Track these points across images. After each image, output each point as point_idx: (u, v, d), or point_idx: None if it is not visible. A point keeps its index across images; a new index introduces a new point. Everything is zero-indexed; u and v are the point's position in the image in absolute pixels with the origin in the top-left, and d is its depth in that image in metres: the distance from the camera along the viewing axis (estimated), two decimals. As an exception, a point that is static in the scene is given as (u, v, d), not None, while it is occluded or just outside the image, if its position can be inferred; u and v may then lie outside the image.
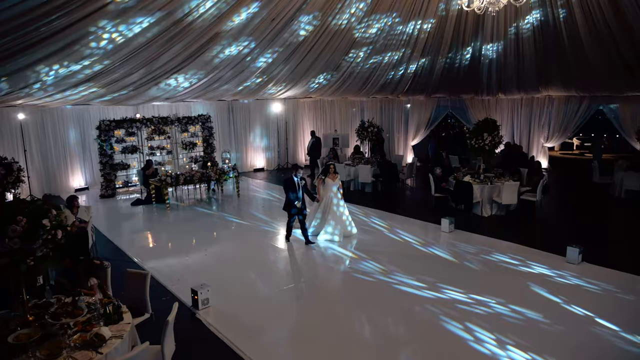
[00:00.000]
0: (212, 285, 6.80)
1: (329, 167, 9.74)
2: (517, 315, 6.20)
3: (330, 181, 9.57)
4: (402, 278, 7.51)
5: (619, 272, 7.58)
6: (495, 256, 8.45)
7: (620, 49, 12.07)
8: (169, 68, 11.82)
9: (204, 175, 13.00)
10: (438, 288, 7.08)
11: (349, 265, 8.25)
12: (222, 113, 17.59)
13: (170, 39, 10.10)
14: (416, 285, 7.23)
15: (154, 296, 6.68)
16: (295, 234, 9.63)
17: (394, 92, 18.78)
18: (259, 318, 6.30)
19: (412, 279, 7.45)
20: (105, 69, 10.65)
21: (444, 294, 6.87)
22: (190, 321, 6.27)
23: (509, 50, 14.43)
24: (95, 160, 14.53)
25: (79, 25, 8.25)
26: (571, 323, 5.99)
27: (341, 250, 8.96)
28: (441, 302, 6.61)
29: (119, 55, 10.11)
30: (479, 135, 11.72)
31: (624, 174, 13.07)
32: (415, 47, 14.86)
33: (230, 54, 12.10)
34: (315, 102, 19.68)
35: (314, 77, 15.81)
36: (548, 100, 17.36)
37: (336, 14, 11.94)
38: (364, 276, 7.65)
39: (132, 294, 5.60)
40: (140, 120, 14.45)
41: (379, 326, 6.07)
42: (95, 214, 11.91)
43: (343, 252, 8.87)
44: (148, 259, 8.63)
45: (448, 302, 6.60)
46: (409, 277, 7.52)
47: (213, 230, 10.50)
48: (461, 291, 6.95)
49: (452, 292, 6.94)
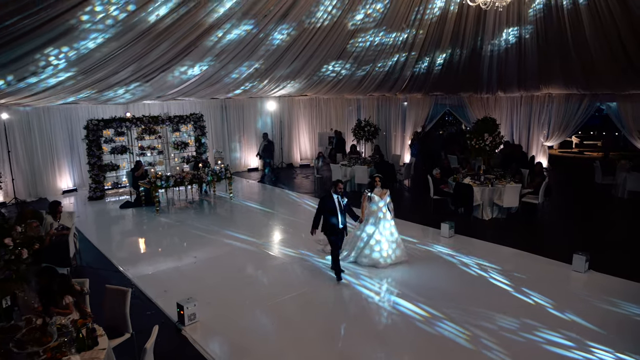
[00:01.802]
0: (201, 298, 6.43)
1: (374, 180, 8.05)
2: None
3: (377, 197, 7.93)
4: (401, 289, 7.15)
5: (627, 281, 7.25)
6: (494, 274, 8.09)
7: (626, 46, 11.73)
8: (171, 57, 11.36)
9: (195, 176, 12.58)
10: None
11: (347, 276, 7.84)
12: (215, 111, 17.14)
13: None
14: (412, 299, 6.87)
15: (137, 310, 6.33)
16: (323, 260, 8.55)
17: (392, 90, 18.38)
18: (249, 334, 5.91)
19: (410, 297, 7.08)
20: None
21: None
22: (175, 338, 5.87)
23: (510, 47, 14.06)
24: (83, 161, 14.04)
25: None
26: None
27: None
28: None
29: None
30: (479, 135, 11.35)
31: (627, 174, 12.74)
32: (414, 44, 14.47)
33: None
34: (311, 100, 19.24)
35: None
36: (548, 98, 17.02)
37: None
38: (364, 289, 7.27)
39: (111, 312, 5.20)
40: (130, 119, 13.99)
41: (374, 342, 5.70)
42: (82, 218, 11.57)
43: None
44: (134, 267, 8.21)
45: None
46: (409, 295, 7.15)
47: (204, 235, 10.05)
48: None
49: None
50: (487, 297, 6.87)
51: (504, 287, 7.19)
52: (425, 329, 5.98)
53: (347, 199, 7.49)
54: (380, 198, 7.91)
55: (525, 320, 6.09)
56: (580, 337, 5.66)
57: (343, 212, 7.41)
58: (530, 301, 6.68)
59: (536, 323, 6.01)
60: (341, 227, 7.40)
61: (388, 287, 7.30)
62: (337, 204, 7.30)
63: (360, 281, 7.45)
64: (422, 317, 6.27)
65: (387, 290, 7.21)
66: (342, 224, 7.39)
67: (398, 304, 6.70)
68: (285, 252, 8.97)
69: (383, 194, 7.95)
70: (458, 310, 6.39)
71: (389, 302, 6.76)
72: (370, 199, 7.90)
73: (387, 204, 7.97)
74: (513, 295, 6.90)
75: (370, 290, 7.16)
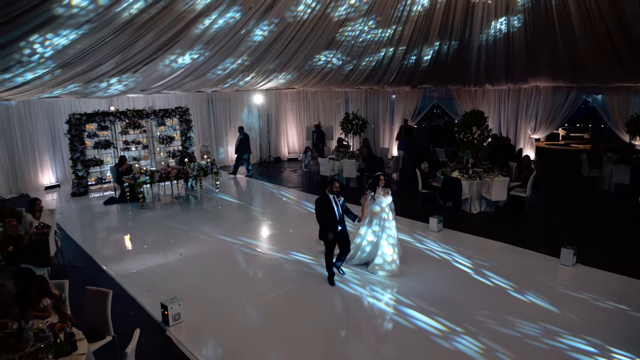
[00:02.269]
0: (186, 297, 6.30)
1: (378, 179, 7.52)
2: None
3: (381, 197, 7.48)
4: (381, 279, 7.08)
5: (615, 275, 7.25)
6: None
7: (614, 39, 11.74)
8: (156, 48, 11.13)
9: (180, 171, 12.37)
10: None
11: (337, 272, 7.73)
12: (201, 105, 16.89)
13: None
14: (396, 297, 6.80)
15: (121, 310, 6.20)
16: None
17: (380, 83, 18.28)
18: (235, 334, 5.78)
19: (393, 292, 7.01)
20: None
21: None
22: (159, 339, 5.73)
23: (498, 40, 14.03)
24: (66, 156, 13.73)
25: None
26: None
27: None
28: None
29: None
30: (467, 129, 11.29)
31: (614, 167, 12.79)
32: (403, 34, 14.38)
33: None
34: (298, 93, 19.05)
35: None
36: (535, 90, 17.04)
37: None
38: (346, 287, 7.18)
39: (92, 314, 5.05)
40: (114, 113, 13.69)
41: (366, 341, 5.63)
42: (64, 214, 11.34)
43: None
44: (117, 265, 8.02)
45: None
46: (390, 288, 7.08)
47: (189, 232, 9.87)
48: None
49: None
50: (477, 295, 6.83)
51: (490, 284, 7.15)
52: (423, 327, 5.92)
53: (343, 199, 7.10)
54: (384, 198, 7.45)
55: (522, 322, 6.05)
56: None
57: (341, 213, 7.02)
58: (526, 300, 6.65)
59: (536, 324, 5.98)
60: (340, 229, 6.98)
61: (382, 292, 7.20)
62: (334, 204, 6.93)
63: (349, 284, 7.35)
64: (420, 321, 6.19)
65: (382, 295, 7.10)
66: (340, 226, 6.99)
67: (399, 310, 6.63)
68: (273, 248, 8.85)
69: (386, 193, 7.49)
70: (449, 308, 6.33)
71: (390, 307, 6.62)
72: (374, 199, 7.44)
73: (389, 203, 7.55)
74: (504, 295, 6.87)
75: (355, 289, 7.07)
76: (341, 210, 7.03)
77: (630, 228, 9.50)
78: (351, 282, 7.18)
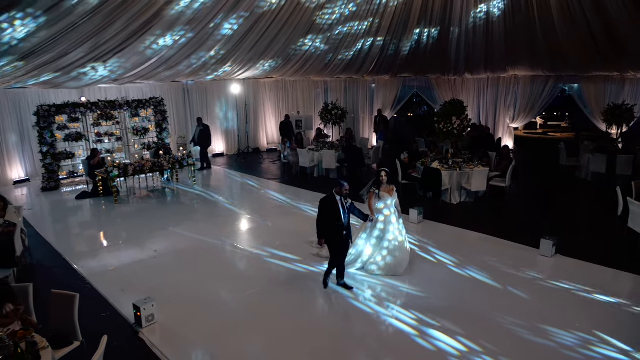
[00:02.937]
0: (160, 296, 6.08)
1: (380, 176, 7.04)
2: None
3: (385, 194, 7.04)
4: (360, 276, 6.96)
5: (594, 266, 7.28)
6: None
7: (593, 29, 11.76)
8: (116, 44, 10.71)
9: (155, 164, 12.02)
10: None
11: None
12: (177, 95, 16.46)
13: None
14: (385, 288, 6.68)
15: (91, 312, 5.97)
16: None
17: (359, 72, 18.09)
18: (211, 335, 5.57)
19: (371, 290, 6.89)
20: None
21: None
22: (132, 341, 5.50)
23: (478, 29, 13.96)
24: (35, 150, 13.22)
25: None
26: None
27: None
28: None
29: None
30: (447, 118, 11.21)
31: (591, 156, 12.89)
32: (382, 24, 14.19)
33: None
34: (277, 83, 18.73)
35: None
36: (514, 80, 17.10)
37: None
38: (329, 278, 7.04)
39: (58, 319, 4.79)
40: (85, 104, 13.22)
41: (346, 340, 5.49)
42: (34, 210, 10.95)
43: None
44: (89, 264, 7.72)
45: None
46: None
47: (165, 227, 9.56)
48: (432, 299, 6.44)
49: (423, 295, 6.42)
50: (457, 289, 6.77)
51: (465, 276, 7.09)
52: (402, 327, 5.81)
53: (351, 201, 6.51)
54: (388, 195, 7.00)
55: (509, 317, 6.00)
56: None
57: (347, 217, 6.43)
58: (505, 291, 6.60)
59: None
60: (345, 233, 6.44)
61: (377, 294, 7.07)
62: (340, 207, 6.33)
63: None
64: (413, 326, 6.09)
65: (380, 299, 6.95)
66: (345, 231, 6.44)
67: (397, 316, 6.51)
68: (251, 244, 8.65)
69: (390, 191, 7.03)
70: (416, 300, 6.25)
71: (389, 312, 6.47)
72: (379, 197, 6.96)
73: (394, 202, 7.06)
74: (487, 288, 6.82)
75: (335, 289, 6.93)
76: (348, 215, 6.44)
77: (609, 218, 9.47)
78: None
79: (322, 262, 7.40)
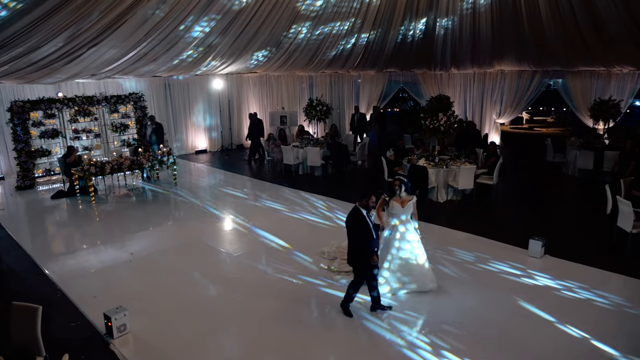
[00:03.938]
0: (134, 304, 5.78)
1: (393, 185, 6.20)
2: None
3: (397, 206, 6.10)
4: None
5: (583, 266, 7.12)
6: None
7: (580, 23, 11.63)
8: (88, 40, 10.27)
9: (134, 162, 11.64)
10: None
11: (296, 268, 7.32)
12: (157, 90, 16.02)
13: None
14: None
15: (60, 321, 5.67)
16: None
17: (344, 67, 17.81)
18: (188, 346, 5.27)
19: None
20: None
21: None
22: (101, 355, 5.19)
23: (464, 23, 13.77)
24: (9, 147, 12.75)
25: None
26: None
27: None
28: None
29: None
30: (433, 115, 11.00)
31: (577, 152, 12.80)
32: (366, 18, 13.91)
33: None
34: (261, 78, 18.36)
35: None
36: (500, 75, 16.97)
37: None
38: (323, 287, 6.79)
39: (20, 334, 4.47)
40: (61, 100, 12.76)
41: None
42: (7, 210, 10.53)
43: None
44: (61, 268, 7.36)
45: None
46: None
47: (143, 228, 9.23)
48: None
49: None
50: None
51: (454, 276, 6.90)
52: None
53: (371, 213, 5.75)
54: (400, 207, 6.06)
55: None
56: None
57: (375, 231, 5.61)
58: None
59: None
60: (376, 250, 5.67)
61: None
62: (370, 223, 5.54)
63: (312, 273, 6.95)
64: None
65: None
66: (377, 246, 5.72)
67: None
68: (233, 247, 8.34)
69: (404, 202, 6.07)
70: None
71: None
72: (389, 204, 6.11)
73: (413, 216, 6.19)
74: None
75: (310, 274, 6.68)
76: (375, 230, 5.62)
77: (598, 217, 9.30)
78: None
79: (331, 277, 6.86)
